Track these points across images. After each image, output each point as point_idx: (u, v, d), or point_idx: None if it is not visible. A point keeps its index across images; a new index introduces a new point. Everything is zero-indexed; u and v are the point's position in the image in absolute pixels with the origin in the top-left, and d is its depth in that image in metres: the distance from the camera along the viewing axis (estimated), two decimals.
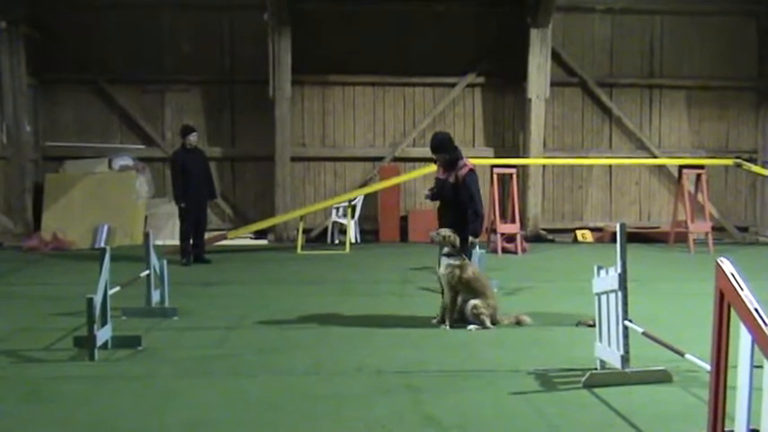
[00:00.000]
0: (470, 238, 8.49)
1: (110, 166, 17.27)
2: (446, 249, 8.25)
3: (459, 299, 8.16)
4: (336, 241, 16.95)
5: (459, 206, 8.52)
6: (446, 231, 8.30)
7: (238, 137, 17.89)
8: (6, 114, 16.72)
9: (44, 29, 17.09)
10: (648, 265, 12.99)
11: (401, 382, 6.04)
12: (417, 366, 6.52)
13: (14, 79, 16.55)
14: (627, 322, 5.80)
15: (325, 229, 17.47)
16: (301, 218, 16.27)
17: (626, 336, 5.82)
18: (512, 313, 8.38)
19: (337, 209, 17.08)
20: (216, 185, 14.68)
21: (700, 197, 16.38)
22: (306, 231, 16.56)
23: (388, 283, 11.30)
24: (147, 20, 17.55)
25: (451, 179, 8.60)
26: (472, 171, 8.65)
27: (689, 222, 15.67)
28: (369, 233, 17.66)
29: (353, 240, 16.53)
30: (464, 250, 8.34)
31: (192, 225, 13.40)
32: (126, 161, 17.31)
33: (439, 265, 8.37)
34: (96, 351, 6.72)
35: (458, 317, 8.19)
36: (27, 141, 16.94)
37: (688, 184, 16.11)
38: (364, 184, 17.71)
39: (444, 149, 8.73)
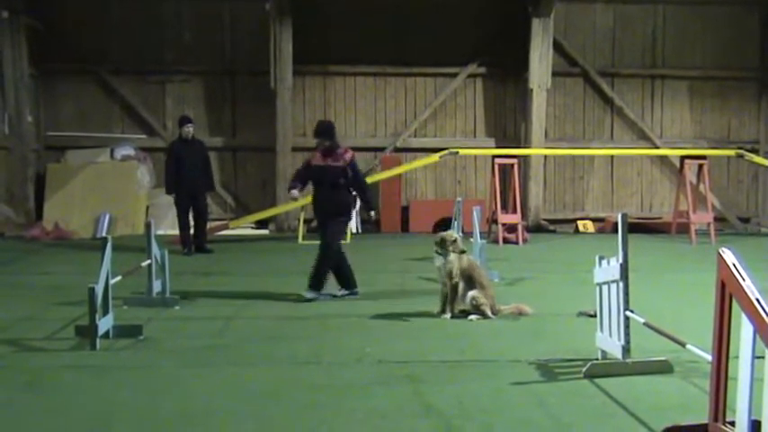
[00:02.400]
0: (372, 213, 9.85)
1: (111, 156, 17.28)
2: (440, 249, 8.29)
3: (460, 288, 8.16)
4: None
5: (344, 188, 9.27)
6: (451, 234, 8.47)
7: (240, 127, 17.88)
8: (8, 105, 16.72)
9: (45, 19, 17.07)
10: (650, 256, 12.98)
11: (401, 371, 6.04)
12: (418, 356, 6.52)
13: (16, 70, 16.54)
14: (628, 312, 5.79)
15: None
16: (302, 208, 16.25)
17: (627, 326, 5.81)
18: (513, 303, 8.38)
19: None
20: (216, 176, 14.66)
21: (701, 188, 16.37)
22: (307, 221, 16.55)
23: (389, 273, 11.29)
24: (149, 10, 17.52)
25: (338, 163, 9.22)
26: (353, 155, 9.48)
27: (690, 213, 15.66)
28: (369, 223, 17.65)
29: (354, 231, 16.52)
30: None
31: (186, 214, 13.37)
32: (127, 151, 17.32)
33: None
34: (98, 340, 6.72)
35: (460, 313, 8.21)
36: (29, 131, 16.94)
37: (690, 175, 16.09)
38: (365, 175, 17.66)
39: (330, 136, 9.38)
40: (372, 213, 9.95)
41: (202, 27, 17.68)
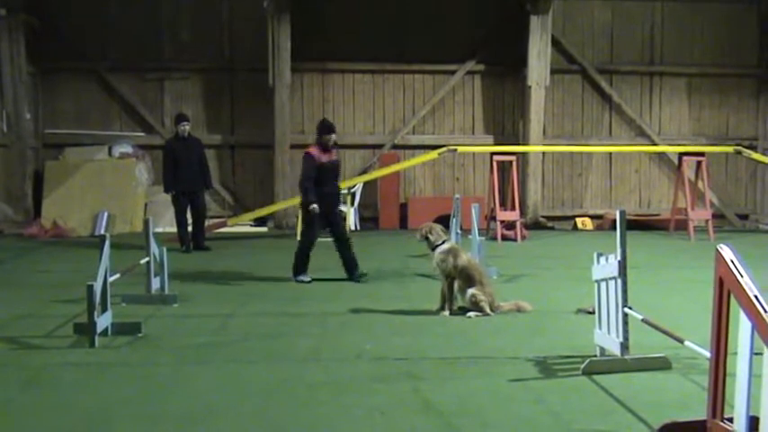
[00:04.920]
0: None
1: (110, 154, 17.27)
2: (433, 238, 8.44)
3: (456, 286, 8.18)
4: None
5: (338, 181, 10.46)
6: (435, 225, 8.60)
7: (238, 124, 17.87)
8: (6, 102, 16.70)
9: (44, 17, 17.04)
10: (648, 253, 13.00)
11: (400, 369, 6.05)
12: (417, 353, 6.53)
13: (14, 67, 16.52)
14: (626, 309, 5.81)
15: None
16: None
17: (626, 323, 5.82)
18: (511, 300, 8.38)
19: None
20: (214, 174, 14.63)
21: (700, 185, 16.38)
22: None
23: (388, 270, 11.29)
24: (147, 7, 17.50)
25: (336, 158, 10.34)
26: None
27: (689, 210, 15.68)
28: (368, 220, 17.67)
29: (353, 228, 16.53)
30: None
31: (184, 212, 13.34)
32: (126, 148, 17.31)
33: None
34: (96, 338, 6.72)
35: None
36: (27, 129, 16.93)
37: (688, 172, 16.10)
38: (364, 172, 17.70)
39: (335, 132, 10.22)
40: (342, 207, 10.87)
41: (201, 24, 17.66)
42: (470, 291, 8.07)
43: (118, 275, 7.62)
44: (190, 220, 13.54)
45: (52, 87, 17.56)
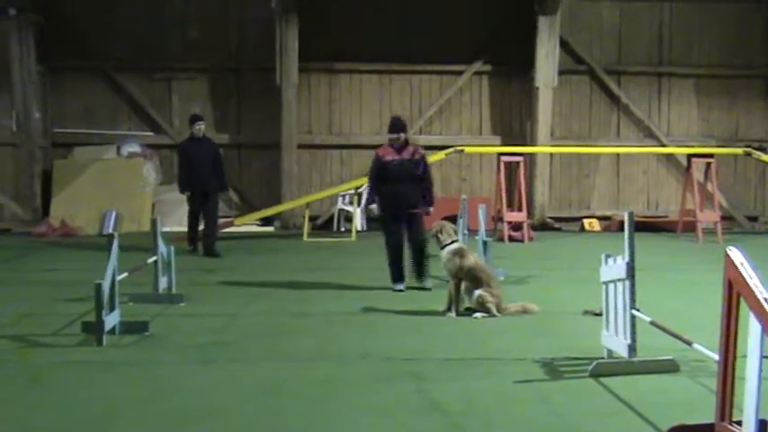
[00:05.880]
0: (430, 209, 9.72)
1: (118, 153, 17.31)
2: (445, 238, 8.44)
3: (463, 287, 8.17)
4: (342, 229, 16.95)
5: (415, 181, 9.52)
6: (446, 224, 8.59)
7: (245, 124, 17.89)
8: (16, 102, 16.76)
9: (52, 16, 17.09)
10: (656, 255, 12.94)
11: (406, 369, 6.03)
12: (422, 354, 6.52)
13: (23, 67, 16.58)
14: (634, 311, 5.78)
15: (332, 217, 17.47)
16: (307, 205, 16.27)
17: (633, 325, 5.79)
18: (518, 301, 8.36)
19: (343, 196, 17.06)
20: (226, 176, 14.36)
21: (709, 186, 16.31)
22: (312, 219, 16.57)
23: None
24: (155, 7, 17.53)
25: (415, 157, 9.57)
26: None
27: (697, 211, 15.61)
28: (375, 221, 17.62)
29: (359, 228, 16.52)
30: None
31: (196, 213, 13.01)
32: (134, 148, 17.35)
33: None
34: (104, 336, 6.73)
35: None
36: (36, 128, 16.99)
37: (697, 173, 16.04)
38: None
39: (405, 131, 9.72)
40: (429, 209, 9.78)
41: (208, 24, 17.68)
42: (477, 292, 8.05)
43: (126, 274, 7.63)
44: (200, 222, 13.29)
45: (61, 87, 17.61)
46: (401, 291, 9.54)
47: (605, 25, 18.32)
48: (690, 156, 16.20)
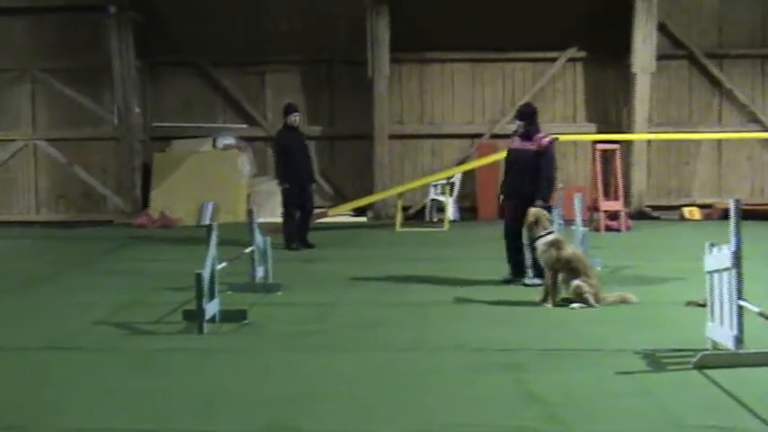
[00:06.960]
0: (540, 202, 8.97)
1: (214, 146, 17.72)
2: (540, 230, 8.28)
3: (560, 278, 8.04)
4: (435, 219, 16.91)
5: (533, 172, 9.13)
6: (542, 215, 8.42)
7: (337, 116, 18.03)
8: (117, 97, 17.37)
9: (150, 13, 17.61)
10: (762, 244, 12.42)
11: (502, 359, 5.97)
12: (518, 344, 6.44)
13: (124, 63, 17.14)
14: (741, 302, 5.57)
15: (424, 207, 17.45)
16: (400, 195, 16.30)
17: (740, 315, 5.59)
18: (616, 292, 8.18)
19: (435, 186, 17.02)
20: (314, 165, 14.51)
21: None
22: (404, 209, 16.59)
23: (487, 260, 11.13)
24: (248, 2, 17.82)
25: (533, 146, 9.25)
26: (552, 141, 9.54)
27: None
28: (467, 211, 17.54)
29: (452, 218, 16.46)
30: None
31: (295, 207, 12.71)
32: (229, 140, 17.74)
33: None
34: (204, 324, 6.90)
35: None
36: (136, 123, 17.57)
37: None
38: (462, 162, 17.59)
39: (529, 120, 9.48)
40: (537, 202, 8.86)
41: (300, 17, 17.88)
42: (575, 282, 7.91)
43: (225, 264, 7.80)
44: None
45: (159, 82, 18.15)
46: (528, 286, 9.00)
47: (704, 7, 17.67)
48: None
